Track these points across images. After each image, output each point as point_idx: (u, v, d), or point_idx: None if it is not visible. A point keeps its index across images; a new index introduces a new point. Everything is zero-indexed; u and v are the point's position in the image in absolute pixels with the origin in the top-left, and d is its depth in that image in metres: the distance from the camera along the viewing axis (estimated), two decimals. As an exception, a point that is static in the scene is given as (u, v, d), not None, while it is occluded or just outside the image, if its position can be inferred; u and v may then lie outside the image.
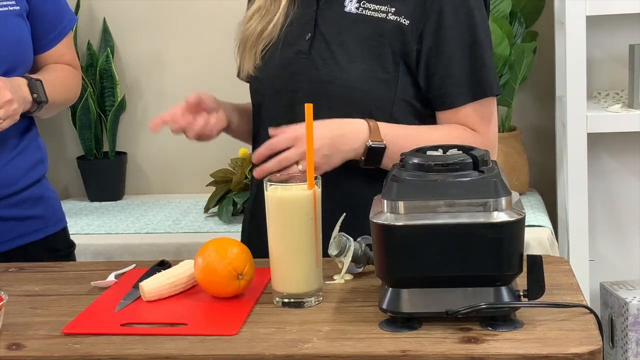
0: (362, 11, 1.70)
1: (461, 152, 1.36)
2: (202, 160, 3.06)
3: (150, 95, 3.18)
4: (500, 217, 1.27)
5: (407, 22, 1.68)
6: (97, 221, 2.87)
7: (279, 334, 1.31)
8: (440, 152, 1.37)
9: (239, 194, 2.79)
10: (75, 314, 1.42)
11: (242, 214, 2.52)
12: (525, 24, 2.91)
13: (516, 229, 1.28)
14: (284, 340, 1.29)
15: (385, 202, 1.29)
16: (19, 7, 1.90)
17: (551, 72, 2.97)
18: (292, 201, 1.40)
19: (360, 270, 1.53)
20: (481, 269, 1.28)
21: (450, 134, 1.68)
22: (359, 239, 1.52)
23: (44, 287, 1.58)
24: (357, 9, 1.70)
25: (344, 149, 1.64)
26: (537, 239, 2.53)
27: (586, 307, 1.33)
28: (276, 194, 1.41)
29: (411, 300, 1.30)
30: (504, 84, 2.80)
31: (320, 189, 1.42)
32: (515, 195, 1.31)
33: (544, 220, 2.66)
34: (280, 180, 1.45)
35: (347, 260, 1.50)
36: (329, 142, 1.62)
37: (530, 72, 2.88)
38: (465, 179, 1.30)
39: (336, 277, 1.52)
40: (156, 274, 1.52)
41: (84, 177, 3.14)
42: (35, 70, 1.98)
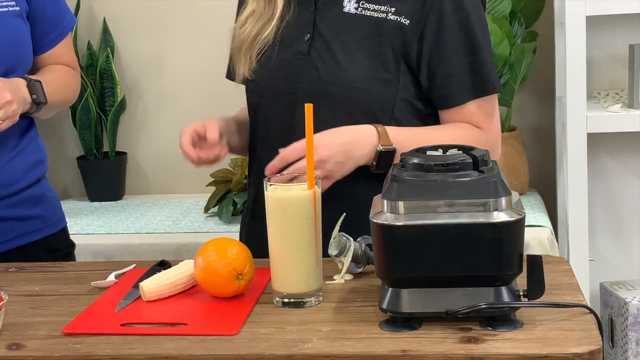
0: (362, 11, 1.70)
1: (461, 152, 1.36)
2: (202, 160, 3.06)
3: (150, 95, 3.18)
4: (500, 217, 1.27)
5: (408, 21, 1.68)
6: (97, 221, 2.87)
7: (279, 334, 1.31)
8: (440, 152, 1.37)
9: (239, 194, 2.79)
10: (75, 314, 1.42)
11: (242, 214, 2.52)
12: (525, 24, 2.91)
13: (516, 229, 1.28)
14: (284, 340, 1.29)
15: (385, 202, 1.29)
16: (19, 8, 1.90)
17: (551, 72, 2.97)
18: (292, 201, 1.40)
19: (360, 270, 1.53)
20: (481, 269, 1.28)
21: (456, 133, 1.69)
22: (359, 239, 1.52)
23: (44, 287, 1.58)
24: (356, 9, 1.70)
25: (356, 155, 1.64)
26: (537, 239, 2.53)
27: (586, 307, 1.33)
28: (276, 194, 1.41)
29: (411, 300, 1.30)
30: (504, 84, 2.80)
31: (320, 189, 1.42)
32: (515, 195, 1.31)
33: (544, 220, 2.66)
34: (280, 180, 1.45)
35: (347, 260, 1.50)
36: (341, 150, 1.62)
37: (530, 72, 2.88)
38: (465, 179, 1.30)
39: (336, 277, 1.52)
40: (156, 274, 1.52)
41: (84, 177, 3.14)
42: (34, 70, 1.98)
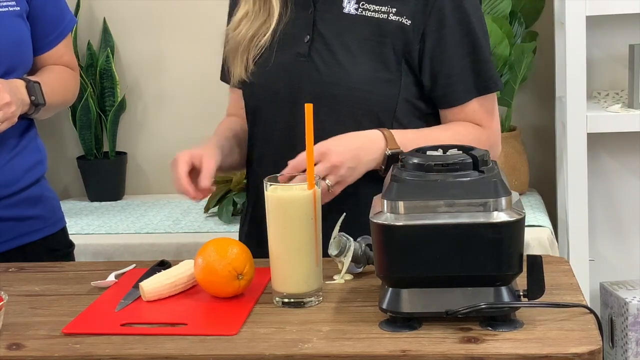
0: (362, 12, 1.70)
1: (461, 152, 1.36)
2: (202, 160, 3.06)
3: (150, 95, 3.18)
4: (500, 217, 1.27)
5: (409, 22, 1.68)
6: (97, 221, 2.87)
7: (279, 334, 1.31)
8: (440, 152, 1.37)
9: (239, 194, 2.79)
10: (75, 314, 1.42)
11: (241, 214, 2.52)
12: (525, 24, 2.91)
13: (516, 229, 1.28)
14: (284, 340, 1.29)
15: (385, 202, 1.29)
16: (19, 8, 1.90)
17: (551, 72, 2.97)
18: (292, 201, 1.40)
19: (360, 270, 1.53)
20: (481, 269, 1.28)
21: (459, 132, 1.70)
22: (359, 239, 1.52)
23: (44, 287, 1.58)
24: (357, 9, 1.70)
25: (366, 159, 1.65)
26: (537, 239, 2.53)
27: (586, 307, 1.33)
28: (276, 194, 1.41)
29: (411, 300, 1.30)
30: (504, 83, 2.79)
31: (320, 189, 1.42)
32: (515, 195, 1.31)
33: (544, 220, 2.66)
34: (280, 180, 1.45)
35: (347, 260, 1.50)
36: (352, 155, 1.63)
37: (530, 72, 2.88)
38: (465, 179, 1.30)
39: (336, 277, 1.52)
40: (156, 274, 1.52)
41: (84, 177, 3.14)
42: (34, 70, 1.98)
